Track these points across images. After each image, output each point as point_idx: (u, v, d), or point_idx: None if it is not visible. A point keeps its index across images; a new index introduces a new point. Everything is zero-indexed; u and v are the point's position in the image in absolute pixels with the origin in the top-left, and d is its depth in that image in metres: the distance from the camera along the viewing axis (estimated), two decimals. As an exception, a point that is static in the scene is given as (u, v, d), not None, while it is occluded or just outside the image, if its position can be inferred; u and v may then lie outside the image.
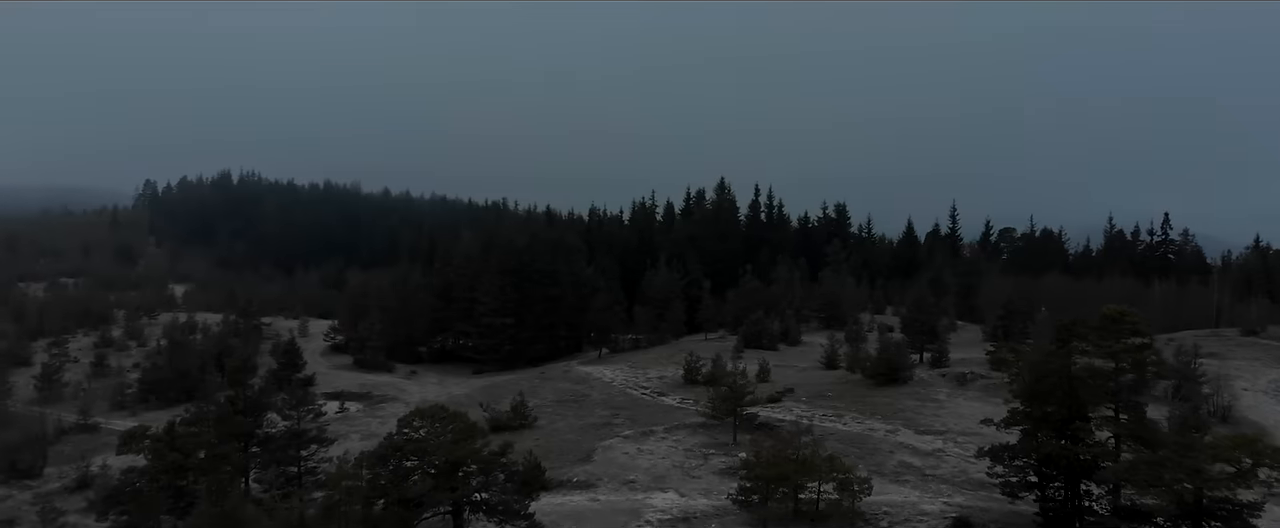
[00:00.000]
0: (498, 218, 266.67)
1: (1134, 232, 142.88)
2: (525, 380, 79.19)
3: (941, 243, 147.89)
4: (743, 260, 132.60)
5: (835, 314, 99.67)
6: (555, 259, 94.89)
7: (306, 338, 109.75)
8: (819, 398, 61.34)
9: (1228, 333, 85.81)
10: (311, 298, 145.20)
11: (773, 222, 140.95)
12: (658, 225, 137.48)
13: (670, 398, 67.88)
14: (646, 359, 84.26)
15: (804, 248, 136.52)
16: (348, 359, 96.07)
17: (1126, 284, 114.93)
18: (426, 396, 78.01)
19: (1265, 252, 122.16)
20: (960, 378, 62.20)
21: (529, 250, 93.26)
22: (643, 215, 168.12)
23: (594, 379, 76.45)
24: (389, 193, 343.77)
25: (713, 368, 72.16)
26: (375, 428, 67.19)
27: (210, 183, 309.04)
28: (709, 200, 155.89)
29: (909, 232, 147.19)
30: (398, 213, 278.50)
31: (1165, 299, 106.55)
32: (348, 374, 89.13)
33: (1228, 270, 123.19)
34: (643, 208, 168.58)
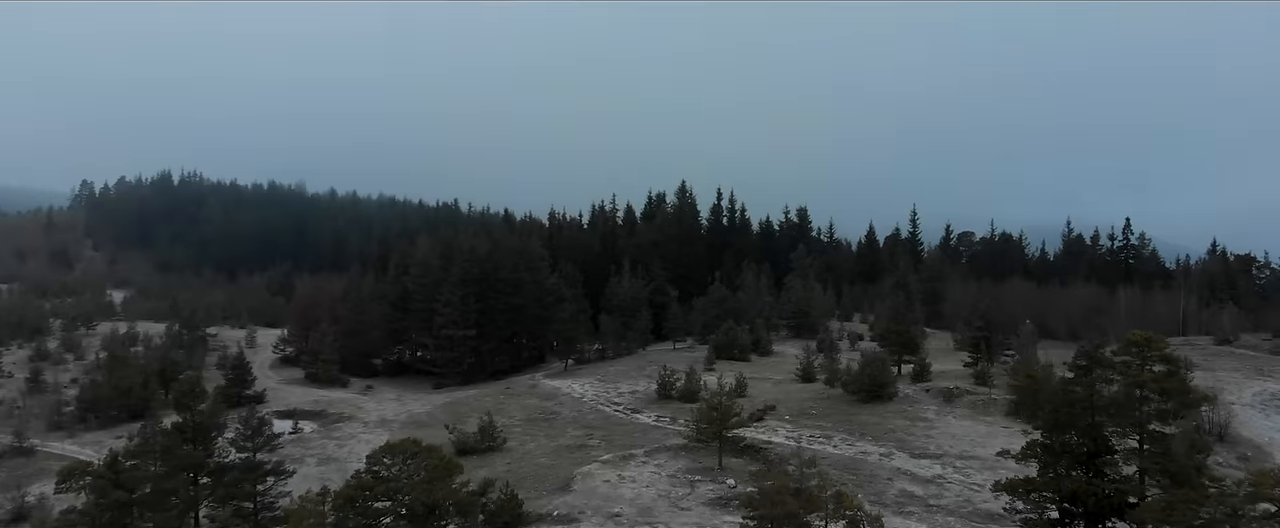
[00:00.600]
0: (451, 220, 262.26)
1: (1093, 236, 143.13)
2: (490, 396, 75.78)
3: (903, 247, 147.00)
4: (706, 266, 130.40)
5: (805, 322, 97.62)
6: (518, 267, 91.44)
7: (254, 349, 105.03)
8: (803, 416, 58.88)
9: (1200, 342, 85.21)
10: (258, 305, 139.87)
11: (734, 226, 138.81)
12: (619, 230, 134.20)
13: (645, 415, 64.99)
14: (615, 372, 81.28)
15: (766, 253, 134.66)
16: (299, 373, 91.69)
17: (1090, 291, 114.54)
18: (385, 414, 74.24)
19: (1227, 257, 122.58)
20: (946, 394, 60.17)
21: (491, 259, 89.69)
22: (603, 220, 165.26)
23: (563, 395, 73.27)
24: (335, 194, 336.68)
25: (687, 382, 69.53)
26: (332, 451, 63.44)
27: (149, 183, 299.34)
28: (670, 204, 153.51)
29: (870, 236, 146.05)
30: (345, 215, 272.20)
31: (1130, 306, 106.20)
32: (300, 390, 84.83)
33: (1189, 276, 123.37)
34: (602, 212, 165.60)
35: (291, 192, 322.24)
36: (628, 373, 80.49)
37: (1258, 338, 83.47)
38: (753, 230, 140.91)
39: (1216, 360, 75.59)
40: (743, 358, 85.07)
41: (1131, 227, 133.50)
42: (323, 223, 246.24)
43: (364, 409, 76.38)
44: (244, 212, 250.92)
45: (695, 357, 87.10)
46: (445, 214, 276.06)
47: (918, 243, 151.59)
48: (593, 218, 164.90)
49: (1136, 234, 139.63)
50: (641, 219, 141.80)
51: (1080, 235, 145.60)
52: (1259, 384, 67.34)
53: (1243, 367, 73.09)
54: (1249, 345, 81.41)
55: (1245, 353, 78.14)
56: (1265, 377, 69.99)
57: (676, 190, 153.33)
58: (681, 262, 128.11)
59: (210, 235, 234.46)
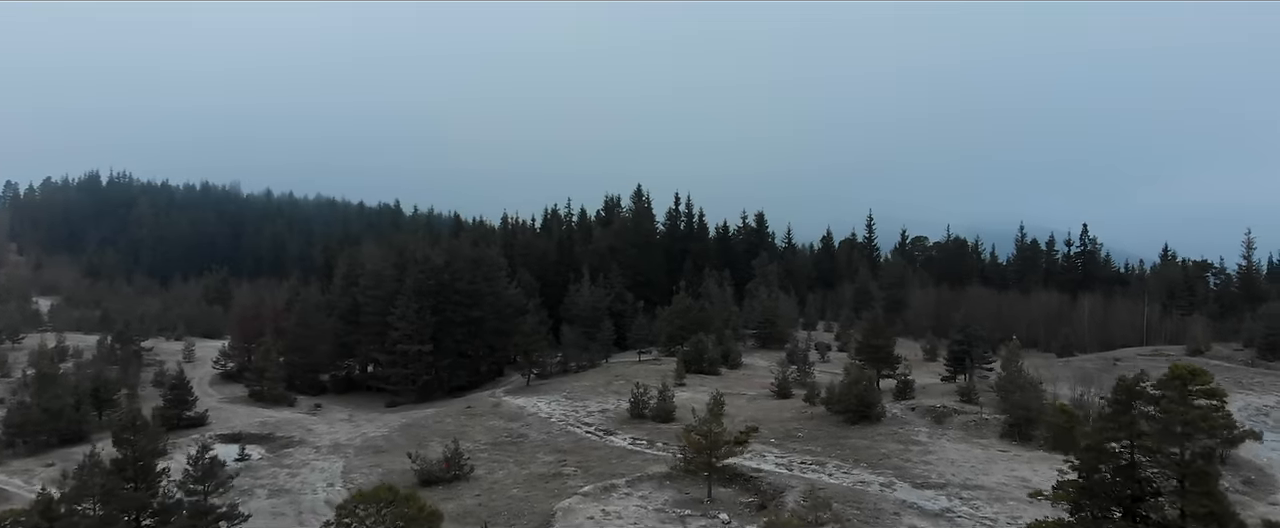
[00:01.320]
0: (393, 222, 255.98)
1: (1048, 241, 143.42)
2: (450, 417, 71.69)
3: (859, 252, 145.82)
4: (665, 273, 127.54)
5: (772, 332, 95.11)
6: (476, 278, 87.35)
7: (193, 364, 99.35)
8: (789, 439, 56.05)
9: (1170, 352, 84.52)
10: (194, 315, 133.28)
11: (692, 232, 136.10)
12: (576, 236, 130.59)
13: (620, 438, 61.60)
14: (581, 388, 77.71)
15: (725, 259, 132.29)
16: (242, 390, 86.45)
17: (1052, 297, 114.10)
18: (338, 437, 69.74)
19: (1183, 263, 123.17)
20: (936, 415, 57.84)
21: (448, 269, 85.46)
22: (557, 224, 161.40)
23: (529, 415, 69.52)
24: (271, 194, 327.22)
25: (660, 401, 66.33)
26: (284, 482, 58.84)
27: (77, 184, 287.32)
28: (626, 208, 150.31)
29: (827, 241, 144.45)
30: (283, 217, 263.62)
31: (1093, 313, 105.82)
32: (244, 409, 79.78)
33: (1143, 283, 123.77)
34: (555, 216, 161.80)
35: (226, 192, 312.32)
36: (595, 389, 77.01)
37: (1229, 348, 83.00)
38: (710, 236, 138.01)
39: (1193, 372, 74.66)
40: (712, 371, 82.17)
41: (1089, 233, 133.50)
42: (260, 226, 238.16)
43: (314, 432, 71.75)
44: (176, 214, 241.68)
45: (663, 370, 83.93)
46: (387, 216, 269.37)
47: (874, 248, 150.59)
48: (546, 222, 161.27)
49: (1090, 239, 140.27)
50: (599, 224, 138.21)
51: (1035, 241, 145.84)
52: (1243, 398, 66.39)
53: (1222, 379, 71.63)
54: (1222, 356, 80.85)
55: (1221, 364, 77.38)
56: (1247, 390, 69.16)
57: (632, 194, 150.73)
58: (640, 268, 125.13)
59: (141, 239, 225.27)
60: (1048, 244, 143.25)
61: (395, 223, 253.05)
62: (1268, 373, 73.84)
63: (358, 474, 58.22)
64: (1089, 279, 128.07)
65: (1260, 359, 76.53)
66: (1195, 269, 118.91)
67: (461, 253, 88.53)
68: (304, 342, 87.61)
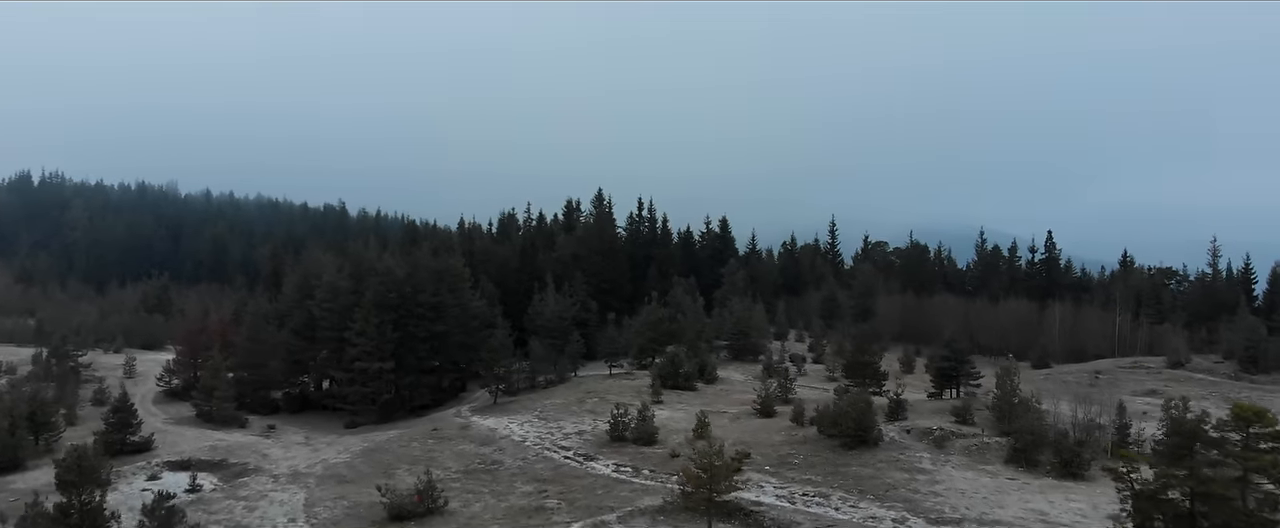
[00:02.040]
0: (339, 225, 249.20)
1: (1011, 247, 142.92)
2: (416, 439, 67.71)
3: (823, 258, 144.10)
4: (628, 280, 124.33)
5: (745, 344, 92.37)
6: (440, 290, 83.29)
7: (134, 380, 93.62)
8: (785, 466, 53.18)
9: (1150, 363, 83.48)
10: (134, 325, 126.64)
11: (656, 237, 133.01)
12: (538, 242, 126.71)
13: (601, 464, 58.21)
14: (553, 407, 74.15)
15: (688, 265, 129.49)
16: (189, 410, 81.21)
17: (1021, 306, 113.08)
18: (296, 464, 65.21)
19: (1151, 271, 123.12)
20: (936, 439, 55.40)
21: (410, 281, 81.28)
22: (514, 229, 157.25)
23: (501, 438, 65.78)
24: (211, 195, 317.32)
25: (641, 422, 63.11)
26: (241, 516, 54.35)
27: (7, 185, 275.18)
28: (586, 213, 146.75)
29: (790, 246, 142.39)
30: (223, 219, 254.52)
31: (1064, 323, 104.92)
32: (192, 431, 74.64)
33: (1108, 290, 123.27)
34: (511, 220, 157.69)
35: (163, 193, 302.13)
36: (568, 407, 73.50)
37: (1208, 360, 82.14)
38: (673, 242, 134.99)
39: (1180, 387, 73.32)
40: (688, 386, 79.14)
41: (1052, 239, 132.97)
42: (200, 228, 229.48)
43: (270, 457, 67.13)
44: (112, 216, 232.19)
45: (637, 386, 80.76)
46: (332, 219, 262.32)
47: (836, 254, 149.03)
48: (502, 227, 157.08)
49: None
50: (560, 230, 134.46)
51: (996, 247, 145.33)
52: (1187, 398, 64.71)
53: (1210, 394, 71.07)
54: (1203, 369, 79.90)
55: (1204, 378, 76.46)
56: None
57: (593, 198, 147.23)
58: (604, 276, 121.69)
59: (75, 243, 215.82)
60: (1010, 250, 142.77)
61: (341, 225, 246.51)
62: (1255, 387, 72.91)
63: (322, 508, 54.04)
64: (1053, 286, 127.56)
65: (1244, 373, 75.66)
66: (1156, 275, 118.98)
67: (424, 263, 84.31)
68: (255, 358, 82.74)
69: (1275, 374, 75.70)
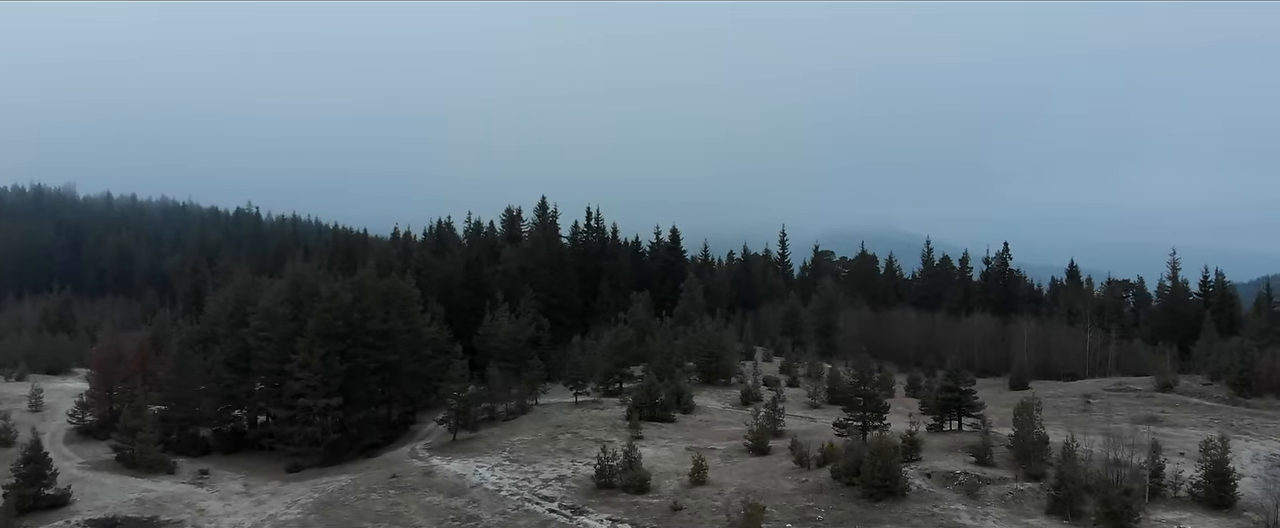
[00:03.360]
0: (253, 230, 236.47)
1: (962, 258, 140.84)
2: (375, 488, 60.41)
3: (774, 269, 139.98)
4: (578, 294, 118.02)
5: (717, 366, 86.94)
6: (390, 314, 75.89)
7: (41, 414, 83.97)
8: (806, 522, 47.83)
9: (1137, 385, 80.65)
10: (35, 347, 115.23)
11: (605, 248, 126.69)
12: (484, 255, 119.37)
13: (594, 518, 52.20)
14: (522, 444, 67.58)
15: (639, 278, 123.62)
16: (106, 451, 72.17)
17: (986, 321, 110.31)
18: (239, 521, 57.40)
19: (1118, 285, 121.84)
20: (963, 485, 50.76)
21: (358, 307, 73.69)
22: (453, 239, 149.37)
23: (472, 486, 59.02)
24: (112, 198, 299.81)
25: (628, 466, 57.16)
26: (181, 595, 46.86)
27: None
28: (528, 222, 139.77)
29: (744, 257, 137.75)
30: (128, 225, 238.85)
31: (1033, 339, 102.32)
32: (113, 479, 65.80)
33: (1060, 304, 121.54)
34: (447, 230, 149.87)
35: (61, 196, 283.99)
36: (540, 446, 67.01)
37: (1196, 382, 79.66)
38: (621, 253, 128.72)
39: (1178, 414, 70.64)
40: (666, 417, 73.38)
41: (1010, 252, 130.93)
42: (103, 236, 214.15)
43: (208, 513, 59.14)
44: (6, 222, 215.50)
45: (609, 417, 74.72)
46: (247, 224, 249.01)
47: (787, 265, 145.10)
48: (438, 236, 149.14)
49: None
50: (504, 241, 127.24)
51: (947, 257, 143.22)
52: (1244, 444, 61.92)
53: (1211, 421, 68.23)
54: (1193, 392, 77.31)
55: (1199, 402, 73.80)
56: (1242, 434, 65.07)
57: (536, 207, 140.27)
58: (552, 290, 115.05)
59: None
60: (961, 261, 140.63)
61: (257, 231, 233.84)
62: (1254, 413, 70.52)
63: (278, 583, 46.85)
64: (1011, 299, 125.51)
65: (1239, 397, 73.27)
66: (1113, 288, 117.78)
67: (371, 285, 76.74)
68: (181, 392, 74.13)
69: (1269, 397, 73.63)
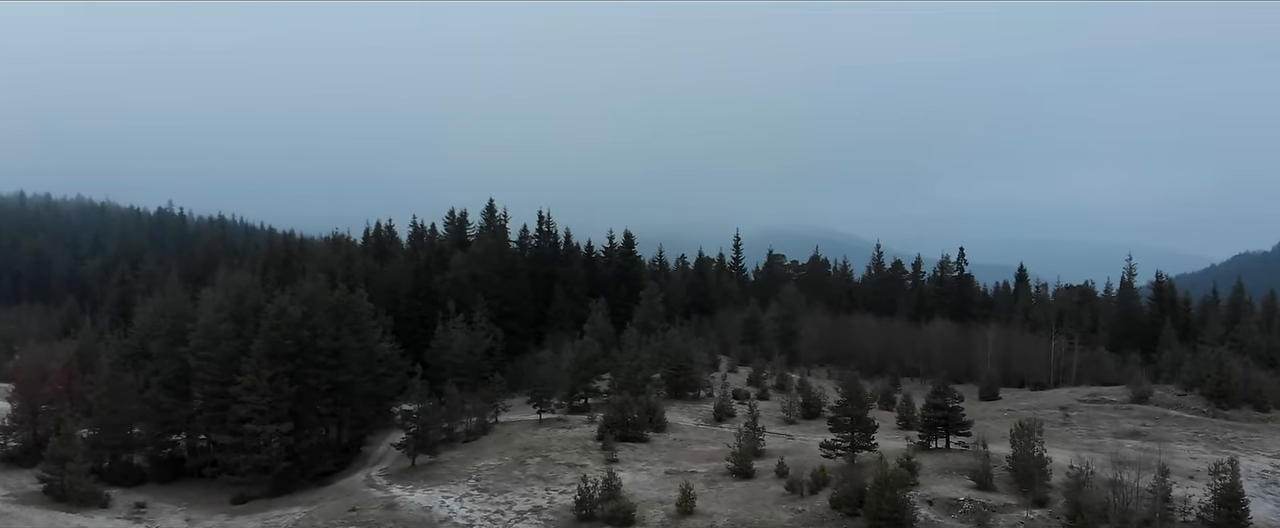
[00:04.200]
0: (177, 233, 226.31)
1: (915, 263, 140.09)
2: (331, 520, 55.82)
3: (729, 275, 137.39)
4: (531, 302, 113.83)
5: (685, 380, 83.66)
6: (341, 330, 71.01)
7: (-45, 438, 76.88)
8: (814, 561, 44.77)
9: (1111, 396, 79.40)
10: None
11: (558, 254, 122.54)
12: (432, 262, 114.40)
13: (580, 558, 48.41)
14: (489, 470, 63.50)
15: (593, 285, 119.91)
16: (32, 480, 65.97)
17: (947, 329, 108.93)
18: (186, 564, 52.43)
19: (1073, 291, 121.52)
20: (971, 513, 48.30)
21: (308, 323, 68.69)
22: (393, 244, 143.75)
23: (441, 522, 54.84)
24: (25, 198, 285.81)
25: (609, 497, 53.65)
26: None
27: None
28: (474, 226, 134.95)
29: (699, 262, 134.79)
30: (42, 227, 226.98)
31: (998, 347, 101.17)
32: (42, 517, 59.66)
33: (1013, 308, 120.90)
34: (388, 234, 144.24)
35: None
36: (508, 472, 62.97)
37: (1170, 392, 78.80)
38: (573, 257, 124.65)
39: (1160, 427, 69.40)
40: (638, 437, 69.78)
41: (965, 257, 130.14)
42: (17, 238, 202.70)
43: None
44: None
45: (578, 437, 70.96)
46: (170, 226, 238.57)
47: (741, 269, 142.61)
48: (377, 242, 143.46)
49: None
50: (452, 246, 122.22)
51: (899, 262, 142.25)
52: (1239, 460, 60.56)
53: (1195, 436, 67.14)
54: (1168, 403, 76.36)
55: (1179, 415, 72.73)
56: (1228, 447, 63.93)
57: (484, 210, 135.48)
58: (505, 299, 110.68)
59: None
60: (914, 265, 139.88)
61: (181, 234, 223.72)
62: (1235, 426, 69.67)
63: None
64: (967, 305, 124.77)
65: (1219, 410, 72.44)
66: (1068, 293, 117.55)
67: (321, 299, 71.73)
68: (114, 417, 68.33)
69: (1246, 409, 73.03)
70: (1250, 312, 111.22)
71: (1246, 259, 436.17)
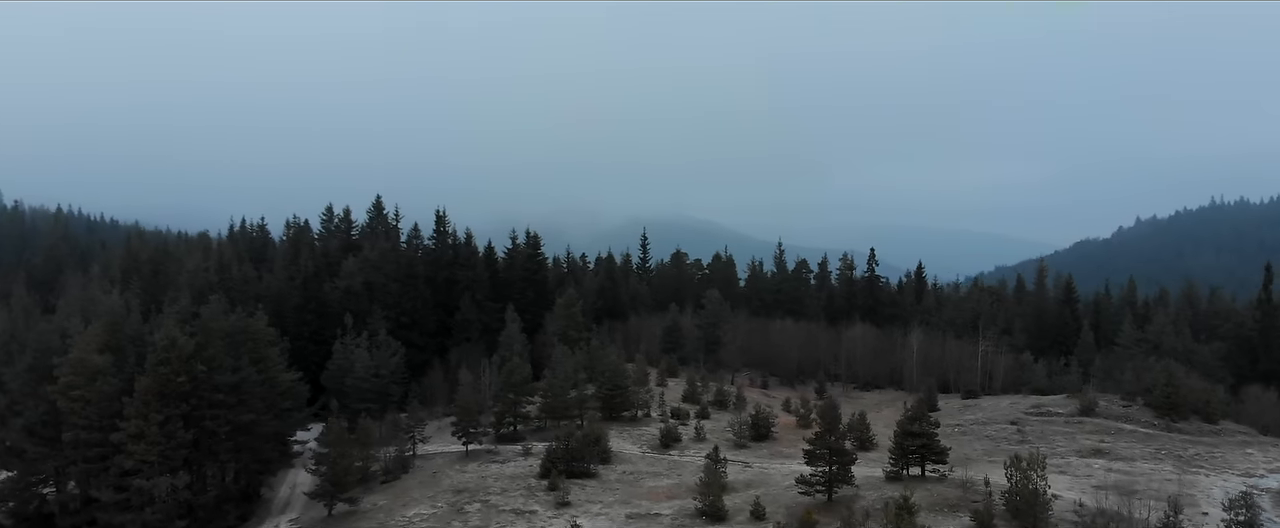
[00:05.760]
0: (17, 231, 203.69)
1: (821, 262, 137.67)
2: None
3: (638, 276, 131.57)
4: (432, 311, 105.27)
5: (621, 399, 77.44)
6: (241, 361, 61.67)
7: None
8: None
9: (1058, 409, 77.37)
10: None
11: (459, 256, 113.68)
12: (321, 269, 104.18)
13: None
14: (420, 520, 55.87)
15: (495, 289, 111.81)
16: None
17: (870, 333, 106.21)
18: None
19: (986, 291, 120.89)
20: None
21: (201, 355, 59.08)
22: (264, 246, 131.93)
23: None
24: None
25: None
26: None
27: None
28: (358, 226, 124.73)
29: (609, 264, 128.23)
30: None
31: (924, 352, 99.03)
32: None
33: (913, 306, 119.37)
34: (260, 235, 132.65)
35: None
36: (445, 523, 55.43)
37: (1114, 403, 77.41)
38: (479, 261, 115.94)
39: (1118, 443, 67.47)
40: (584, 471, 63.28)
41: (876, 259, 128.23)
42: None
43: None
44: None
45: (515, 473, 63.94)
46: (3, 220, 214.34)
47: (648, 270, 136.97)
48: (249, 243, 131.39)
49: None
50: (342, 251, 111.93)
51: (804, 260, 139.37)
52: (1208, 480, 59.03)
53: (1158, 453, 65.32)
54: (1116, 415, 74.82)
55: (1134, 428, 71.07)
56: (1196, 466, 62.52)
57: (371, 207, 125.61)
58: (403, 308, 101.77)
59: None
60: (820, 265, 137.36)
61: (18, 230, 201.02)
62: (1193, 441, 68.25)
63: None
64: (877, 304, 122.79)
65: (1167, 420, 71.21)
66: (984, 295, 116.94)
67: (217, 327, 62.04)
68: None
69: (1196, 421, 72.18)
70: (1163, 308, 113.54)
71: (1088, 246, 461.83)
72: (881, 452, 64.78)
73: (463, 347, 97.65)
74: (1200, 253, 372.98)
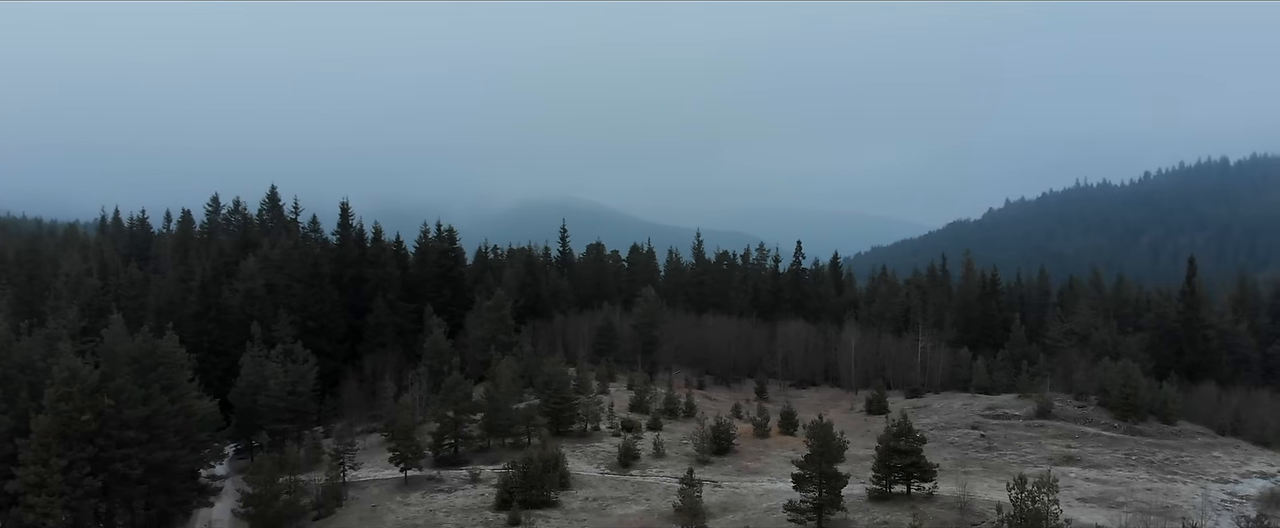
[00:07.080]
0: None
1: (743, 254, 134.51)
2: None
3: (558, 271, 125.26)
4: (341, 313, 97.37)
5: (569, 413, 72.09)
6: (152, 391, 53.72)
7: None
8: None
9: (1013, 410, 75.57)
10: None
11: (364, 252, 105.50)
12: (220, 271, 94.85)
13: None
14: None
15: (407, 289, 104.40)
16: None
17: (805, 329, 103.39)
18: None
19: (923, 283, 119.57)
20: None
21: (107, 387, 51.04)
22: (143, 241, 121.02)
23: None
24: None
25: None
26: None
27: None
28: (256, 220, 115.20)
29: (529, 259, 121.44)
30: None
31: (861, 350, 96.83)
32: None
33: (868, 305, 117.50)
34: (141, 229, 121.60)
35: None
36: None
37: (1071, 404, 76.15)
38: (390, 257, 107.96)
39: (1086, 449, 66.05)
40: (544, 500, 57.80)
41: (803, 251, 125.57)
42: None
43: None
44: None
45: (466, 506, 57.99)
46: None
47: (569, 264, 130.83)
48: (130, 238, 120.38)
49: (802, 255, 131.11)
50: (237, 249, 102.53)
51: (727, 252, 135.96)
52: (1187, 488, 58.05)
53: (1129, 459, 64.14)
54: (1072, 416, 73.63)
55: (1098, 432, 69.82)
56: (1170, 472, 61.59)
57: (265, 199, 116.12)
58: (309, 312, 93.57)
59: None
60: (743, 257, 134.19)
61: None
62: (1160, 444, 67.34)
63: None
64: (803, 298, 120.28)
65: (1134, 426, 70.31)
66: (921, 285, 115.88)
67: (123, 351, 53.92)
68: None
69: (1154, 421, 71.65)
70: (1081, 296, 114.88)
71: (961, 227, 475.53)
72: (849, 464, 61.29)
73: (377, 354, 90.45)
74: (1069, 234, 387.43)
